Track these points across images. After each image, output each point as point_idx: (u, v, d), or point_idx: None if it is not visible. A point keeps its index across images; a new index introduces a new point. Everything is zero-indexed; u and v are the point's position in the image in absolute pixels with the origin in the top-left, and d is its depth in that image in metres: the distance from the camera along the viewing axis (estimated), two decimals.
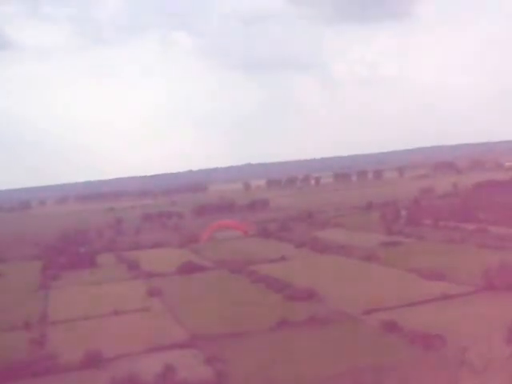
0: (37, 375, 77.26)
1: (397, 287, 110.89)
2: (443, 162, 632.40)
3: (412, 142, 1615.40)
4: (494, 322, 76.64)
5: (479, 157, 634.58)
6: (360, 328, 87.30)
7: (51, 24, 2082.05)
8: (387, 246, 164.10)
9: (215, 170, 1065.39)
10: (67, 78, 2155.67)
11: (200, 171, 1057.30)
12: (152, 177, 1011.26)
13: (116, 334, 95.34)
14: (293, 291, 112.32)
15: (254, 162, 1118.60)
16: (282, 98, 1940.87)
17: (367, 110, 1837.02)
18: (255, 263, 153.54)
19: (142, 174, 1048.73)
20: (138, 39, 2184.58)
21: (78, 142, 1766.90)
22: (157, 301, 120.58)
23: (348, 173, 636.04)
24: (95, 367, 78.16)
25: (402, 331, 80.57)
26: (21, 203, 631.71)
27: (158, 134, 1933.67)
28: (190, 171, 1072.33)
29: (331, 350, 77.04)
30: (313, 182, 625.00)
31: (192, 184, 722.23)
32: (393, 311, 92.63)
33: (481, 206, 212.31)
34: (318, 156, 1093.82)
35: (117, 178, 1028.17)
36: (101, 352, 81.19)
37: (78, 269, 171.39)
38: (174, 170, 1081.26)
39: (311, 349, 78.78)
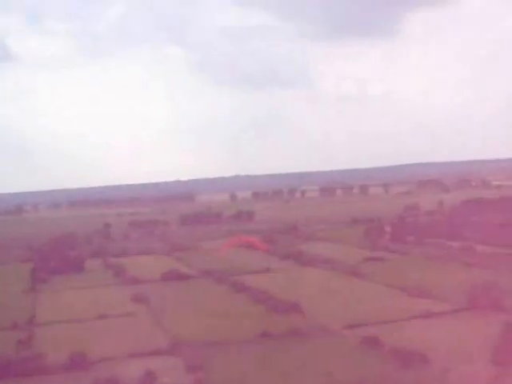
0: (23, 375, 78.08)
1: (380, 303, 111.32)
2: (430, 179, 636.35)
3: (398, 158, 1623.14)
4: (477, 341, 77.30)
5: (466, 175, 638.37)
6: (340, 343, 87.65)
7: (50, 37, 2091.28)
8: (371, 261, 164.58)
9: (203, 180, 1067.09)
10: (63, 90, 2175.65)
11: (189, 181, 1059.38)
12: (142, 185, 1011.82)
13: (100, 338, 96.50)
14: (275, 303, 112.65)
15: (241, 173, 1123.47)
16: (270, 113, 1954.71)
17: (354, 126, 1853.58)
18: (240, 274, 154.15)
19: (133, 183, 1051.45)
20: (133, 53, 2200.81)
21: (72, 151, 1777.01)
22: (141, 307, 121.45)
23: (334, 187, 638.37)
24: (79, 369, 79.02)
25: (382, 347, 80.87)
26: (14, 207, 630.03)
27: (149, 145, 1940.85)
28: (179, 181, 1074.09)
29: (309, 364, 77.65)
30: (299, 195, 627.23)
31: (180, 193, 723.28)
32: (375, 327, 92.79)
33: (467, 224, 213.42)
34: (304, 170, 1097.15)
35: (108, 186, 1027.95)
36: (85, 354, 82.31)
37: (66, 273, 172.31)
38: (164, 180, 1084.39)
39: (290, 362, 79.39)
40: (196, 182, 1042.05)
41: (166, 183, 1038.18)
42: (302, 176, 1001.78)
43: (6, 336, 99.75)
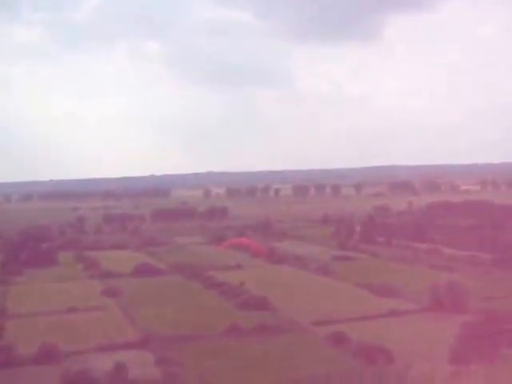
0: None
1: (347, 301, 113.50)
2: (400, 181, 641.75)
3: (371, 160, 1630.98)
4: (439, 339, 79.13)
5: (436, 178, 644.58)
6: (308, 338, 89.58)
7: (24, 27, 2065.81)
8: (340, 260, 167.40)
9: (178, 176, 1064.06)
10: (37, 81, 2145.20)
11: (163, 176, 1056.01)
12: (116, 179, 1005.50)
13: (70, 331, 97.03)
14: (245, 299, 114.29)
15: (215, 170, 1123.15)
16: (246, 110, 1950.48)
17: (329, 126, 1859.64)
18: (210, 269, 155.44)
19: (107, 176, 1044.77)
20: (109, 46, 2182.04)
21: (44, 142, 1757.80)
22: (111, 300, 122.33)
23: (307, 186, 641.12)
24: (49, 362, 79.52)
25: (349, 344, 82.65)
26: None
27: (124, 140, 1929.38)
28: (153, 176, 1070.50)
29: (277, 359, 79.26)
30: (272, 193, 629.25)
31: (155, 188, 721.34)
32: (342, 324, 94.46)
33: (434, 226, 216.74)
34: (278, 168, 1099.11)
35: (82, 179, 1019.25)
36: (55, 347, 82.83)
37: (38, 265, 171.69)
38: (138, 174, 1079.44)
39: (257, 356, 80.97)
40: (170, 177, 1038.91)
41: (140, 178, 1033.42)
42: (275, 174, 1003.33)
43: None
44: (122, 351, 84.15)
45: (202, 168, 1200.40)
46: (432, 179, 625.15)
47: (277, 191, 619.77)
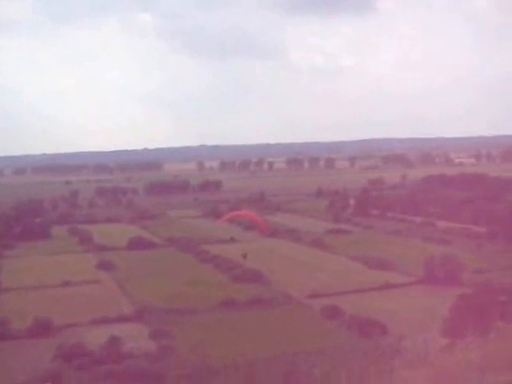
0: None
1: (341, 274, 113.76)
2: (394, 154, 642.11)
3: (364, 133, 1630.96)
4: (432, 312, 79.43)
5: (430, 151, 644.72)
6: (302, 311, 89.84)
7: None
8: (334, 233, 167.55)
9: (170, 149, 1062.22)
10: (27, 53, 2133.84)
11: (156, 150, 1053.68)
12: (109, 153, 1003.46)
13: (65, 304, 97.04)
14: (239, 272, 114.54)
15: (208, 143, 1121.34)
16: (240, 83, 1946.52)
17: (323, 98, 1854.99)
18: (204, 243, 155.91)
19: (100, 150, 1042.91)
20: (102, 19, 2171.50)
21: (36, 115, 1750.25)
22: (106, 274, 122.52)
23: (301, 159, 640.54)
24: (44, 335, 79.64)
25: (342, 317, 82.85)
26: None
27: (117, 113, 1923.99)
28: (146, 149, 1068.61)
29: (271, 332, 79.49)
30: (266, 166, 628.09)
31: (147, 162, 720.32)
32: (336, 297, 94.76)
33: (428, 199, 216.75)
34: (272, 141, 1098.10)
35: (75, 152, 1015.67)
36: (49, 321, 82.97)
37: (31, 239, 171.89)
38: (131, 148, 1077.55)
39: (252, 329, 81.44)
40: (163, 150, 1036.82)
41: (133, 151, 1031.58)
42: (269, 147, 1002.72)
43: None
44: (116, 324, 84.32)
45: (194, 141, 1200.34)
46: (426, 152, 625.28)
47: (270, 164, 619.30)
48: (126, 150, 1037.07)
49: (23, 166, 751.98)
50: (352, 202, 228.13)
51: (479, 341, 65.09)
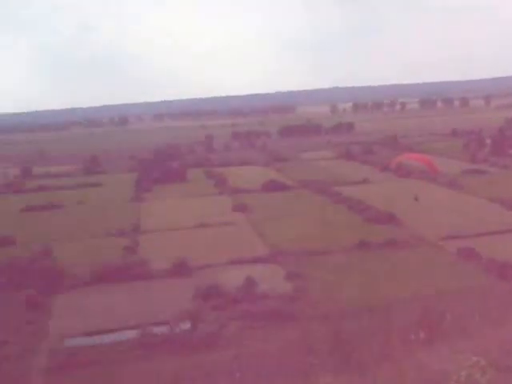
0: (130, 279, 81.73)
1: (478, 215, 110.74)
2: None
3: (500, 70, 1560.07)
4: None
5: None
6: (437, 253, 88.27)
7: None
8: (470, 173, 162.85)
9: (303, 92, 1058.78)
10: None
11: (289, 93, 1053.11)
12: (242, 97, 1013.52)
13: (201, 246, 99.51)
14: (373, 213, 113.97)
15: (341, 85, 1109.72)
16: (371, 23, 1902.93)
17: (457, 37, 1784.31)
18: (338, 185, 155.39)
19: (234, 94, 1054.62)
20: None
21: (175, 62, 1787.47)
22: (241, 216, 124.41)
23: (434, 99, 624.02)
24: (182, 275, 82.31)
25: (479, 259, 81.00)
26: (119, 119, 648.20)
27: (250, 56, 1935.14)
28: (279, 92, 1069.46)
29: (406, 274, 78.69)
30: (398, 107, 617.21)
31: (280, 105, 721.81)
32: (472, 239, 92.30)
33: None
34: (404, 82, 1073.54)
35: (210, 98, 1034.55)
36: (187, 261, 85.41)
37: (169, 182, 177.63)
38: (264, 91, 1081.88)
39: (386, 271, 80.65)
40: (296, 93, 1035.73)
41: (266, 95, 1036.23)
42: (402, 88, 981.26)
43: (113, 243, 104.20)
44: (251, 265, 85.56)
45: (327, 83, 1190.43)
46: None
47: (403, 105, 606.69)
48: (259, 94, 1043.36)
49: (162, 112, 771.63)
50: (488, 141, 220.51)
51: None
